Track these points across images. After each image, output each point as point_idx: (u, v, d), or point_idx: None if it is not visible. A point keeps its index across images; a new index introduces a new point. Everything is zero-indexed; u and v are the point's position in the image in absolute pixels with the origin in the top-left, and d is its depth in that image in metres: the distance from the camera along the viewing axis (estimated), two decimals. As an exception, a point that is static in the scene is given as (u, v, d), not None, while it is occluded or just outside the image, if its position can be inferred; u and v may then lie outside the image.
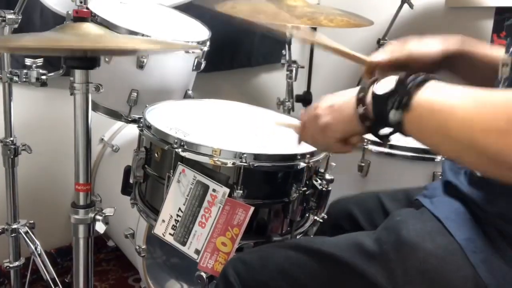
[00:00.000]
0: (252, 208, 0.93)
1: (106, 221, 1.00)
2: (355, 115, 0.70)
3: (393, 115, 0.65)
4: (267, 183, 1.00)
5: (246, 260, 0.89)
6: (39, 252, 1.33)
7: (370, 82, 0.69)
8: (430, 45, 0.96)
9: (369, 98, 0.68)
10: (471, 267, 0.74)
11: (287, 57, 1.87)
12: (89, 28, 0.88)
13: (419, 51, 0.95)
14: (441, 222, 0.80)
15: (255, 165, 0.93)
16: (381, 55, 0.95)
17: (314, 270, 0.83)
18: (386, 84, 0.67)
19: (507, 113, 0.55)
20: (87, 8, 0.92)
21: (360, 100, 0.69)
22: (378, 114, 0.67)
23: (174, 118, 1.13)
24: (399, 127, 0.65)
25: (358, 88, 0.72)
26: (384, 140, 0.70)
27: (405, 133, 0.66)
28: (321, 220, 1.07)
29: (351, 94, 0.72)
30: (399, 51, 0.94)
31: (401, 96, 0.64)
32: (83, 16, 0.89)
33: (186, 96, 1.54)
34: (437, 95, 0.62)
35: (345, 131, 0.75)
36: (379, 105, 0.67)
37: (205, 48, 1.44)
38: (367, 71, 0.97)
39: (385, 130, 0.68)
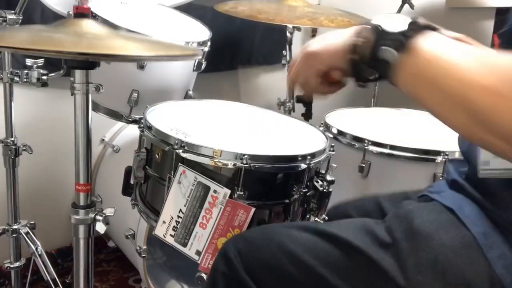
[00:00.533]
0: (253, 209, 0.93)
1: (106, 222, 1.00)
2: (347, 44, 0.67)
3: (384, 52, 0.62)
4: (268, 184, 1.00)
5: (248, 237, 0.86)
6: (39, 252, 1.33)
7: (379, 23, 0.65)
8: None
9: (369, 32, 0.65)
10: (486, 262, 0.72)
11: (288, 58, 1.87)
12: (89, 26, 0.88)
13: None
14: (455, 214, 0.78)
15: (256, 166, 0.93)
16: None
17: (320, 251, 0.80)
18: (393, 22, 0.63)
19: (502, 73, 0.54)
20: (87, 5, 0.92)
21: (357, 34, 0.66)
22: (373, 51, 0.63)
23: (174, 119, 1.13)
24: (387, 69, 0.62)
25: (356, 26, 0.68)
26: (364, 82, 0.67)
27: (391, 78, 0.63)
28: (321, 222, 1.07)
29: (349, 29, 0.69)
30: None
31: (401, 35, 0.61)
32: (83, 12, 0.89)
33: (186, 96, 1.54)
34: (438, 46, 0.60)
35: (329, 62, 0.72)
36: (378, 42, 0.63)
37: (206, 49, 1.44)
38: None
39: (370, 72, 0.65)
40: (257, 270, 0.81)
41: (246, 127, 1.20)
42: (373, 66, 0.65)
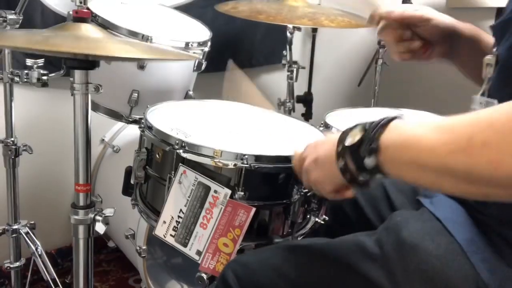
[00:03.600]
0: (254, 209, 0.93)
1: (106, 222, 1.00)
2: (337, 169, 0.71)
3: (368, 161, 0.66)
4: (268, 185, 1.00)
5: (245, 262, 0.90)
6: (39, 252, 1.33)
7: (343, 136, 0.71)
8: (444, 17, 0.98)
9: (345, 150, 0.70)
10: (472, 267, 0.75)
11: (288, 58, 1.87)
12: (88, 30, 0.88)
13: (433, 17, 0.96)
14: (441, 222, 0.80)
15: (256, 166, 0.93)
16: (393, 10, 0.96)
17: (314, 271, 0.83)
18: (355, 134, 0.68)
19: (466, 133, 0.57)
20: (88, 8, 0.92)
21: (339, 155, 0.70)
22: (356, 164, 0.68)
23: (175, 119, 1.13)
24: (377, 171, 0.66)
25: (337, 136, 0.72)
26: (365, 187, 0.71)
27: (385, 175, 0.67)
28: (322, 222, 1.07)
29: (331, 145, 0.73)
30: (413, 11, 0.96)
31: (370, 142, 0.65)
32: (82, 16, 0.89)
33: (187, 96, 1.54)
34: (402, 132, 0.64)
35: (334, 184, 0.75)
36: (355, 155, 0.68)
37: (206, 49, 1.44)
38: (371, 19, 0.97)
39: (364, 177, 0.69)
40: None
41: (246, 127, 1.20)
42: (365, 173, 0.68)
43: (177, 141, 0.96)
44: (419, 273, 0.76)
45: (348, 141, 0.69)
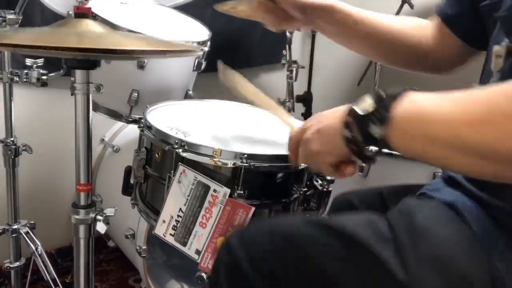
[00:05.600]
0: (253, 209, 0.93)
1: (107, 222, 1.00)
2: (342, 139, 0.70)
3: (376, 131, 0.64)
4: (267, 184, 1.00)
5: (252, 229, 0.87)
6: (39, 252, 1.33)
7: (352, 105, 0.69)
8: None
9: (351, 119, 0.68)
10: (486, 257, 0.73)
11: (288, 57, 1.87)
12: (90, 25, 0.88)
13: None
14: (455, 211, 0.79)
15: (255, 165, 0.94)
16: None
17: (323, 242, 0.80)
18: (365, 103, 0.67)
19: (487, 104, 0.55)
20: (88, 5, 0.92)
21: (346, 124, 0.69)
22: (363, 134, 0.66)
23: (174, 119, 1.13)
24: (384, 143, 0.65)
25: (343, 108, 0.71)
26: (370, 161, 0.69)
27: (391, 148, 0.65)
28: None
29: (337, 116, 0.71)
30: None
31: (381, 110, 0.64)
32: (83, 12, 0.89)
33: (186, 96, 1.54)
34: (416, 104, 0.62)
35: (335, 156, 0.74)
36: (363, 125, 0.66)
37: (206, 49, 1.44)
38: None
39: (370, 151, 0.67)
40: (259, 261, 0.81)
41: (245, 127, 1.20)
42: (371, 145, 0.67)
43: (176, 141, 0.96)
44: (431, 259, 0.74)
45: (358, 110, 0.67)
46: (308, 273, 0.79)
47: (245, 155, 0.93)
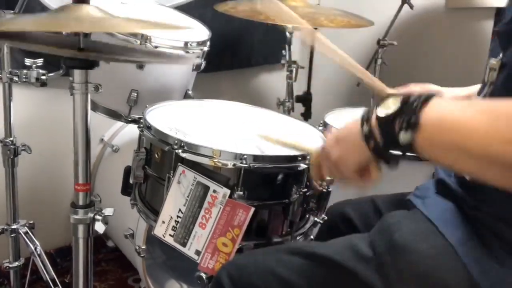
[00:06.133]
0: (253, 209, 0.93)
1: (105, 221, 0.99)
2: (361, 139, 0.68)
3: (403, 136, 0.62)
4: (267, 184, 1.00)
5: (239, 264, 0.90)
6: (38, 252, 1.33)
7: (373, 106, 0.67)
8: None
9: (373, 120, 0.66)
10: (464, 268, 0.75)
11: (287, 58, 1.87)
12: (90, 10, 0.88)
13: None
14: (433, 223, 0.80)
15: (255, 166, 0.93)
16: None
17: (308, 272, 0.83)
18: (389, 105, 0.64)
19: None
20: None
21: (365, 122, 0.68)
22: (387, 137, 0.65)
23: (174, 119, 1.13)
24: (409, 148, 0.63)
25: (359, 116, 0.69)
26: (393, 164, 0.68)
27: (416, 153, 0.63)
28: (321, 222, 1.07)
29: (355, 122, 0.70)
30: None
31: (408, 115, 0.62)
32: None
33: (186, 96, 1.54)
34: (446, 112, 0.61)
35: (357, 160, 0.72)
36: (386, 127, 0.64)
37: (206, 48, 1.44)
38: None
39: (393, 153, 0.66)
40: None
41: (245, 127, 1.20)
42: (395, 149, 0.66)
43: (176, 141, 0.96)
44: (412, 275, 0.76)
45: (381, 112, 0.65)
46: None
47: (245, 156, 0.93)
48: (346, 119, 0.77)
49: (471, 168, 0.61)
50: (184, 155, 0.95)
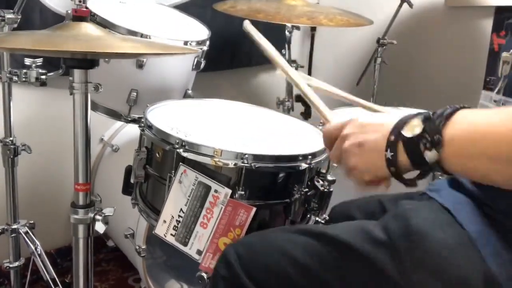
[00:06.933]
0: (254, 209, 0.92)
1: (105, 221, 0.99)
2: (385, 161, 0.67)
3: (429, 155, 0.62)
4: (268, 184, 1.00)
5: (248, 242, 0.88)
6: (39, 252, 1.32)
7: (396, 129, 0.66)
8: None
9: (400, 146, 0.65)
10: (481, 260, 0.73)
11: (287, 57, 1.87)
12: (88, 28, 0.88)
13: None
14: (451, 213, 0.79)
15: (256, 166, 0.93)
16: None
17: (318, 253, 0.81)
18: (412, 125, 0.64)
19: None
20: (86, 8, 0.92)
21: (390, 144, 0.66)
22: (412, 157, 0.64)
23: (175, 118, 1.13)
24: (436, 166, 0.63)
25: (389, 121, 0.68)
26: (412, 184, 0.68)
27: (445, 171, 0.63)
28: (322, 221, 1.07)
29: (383, 132, 0.67)
30: None
31: (432, 134, 0.61)
32: (82, 15, 0.89)
33: (185, 95, 1.53)
34: (472, 123, 0.60)
35: (373, 175, 0.71)
36: (410, 148, 0.64)
37: (205, 48, 1.43)
38: None
39: (413, 174, 0.65)
40: (257, 274, 0.83)
41: (246, 127, 1.20)
42: (421, 169, 0.65)
43: (177, 140, 0.96)
44: (426, 262, 0.74)
45: (406, 132, 0.64)
46: (306, 283, 0.81)
47: (246, 155, 0.93)
48: (346, 118, 0.76)
49: (504, 176, 0.60)
50: (185, 154, 0.95)
